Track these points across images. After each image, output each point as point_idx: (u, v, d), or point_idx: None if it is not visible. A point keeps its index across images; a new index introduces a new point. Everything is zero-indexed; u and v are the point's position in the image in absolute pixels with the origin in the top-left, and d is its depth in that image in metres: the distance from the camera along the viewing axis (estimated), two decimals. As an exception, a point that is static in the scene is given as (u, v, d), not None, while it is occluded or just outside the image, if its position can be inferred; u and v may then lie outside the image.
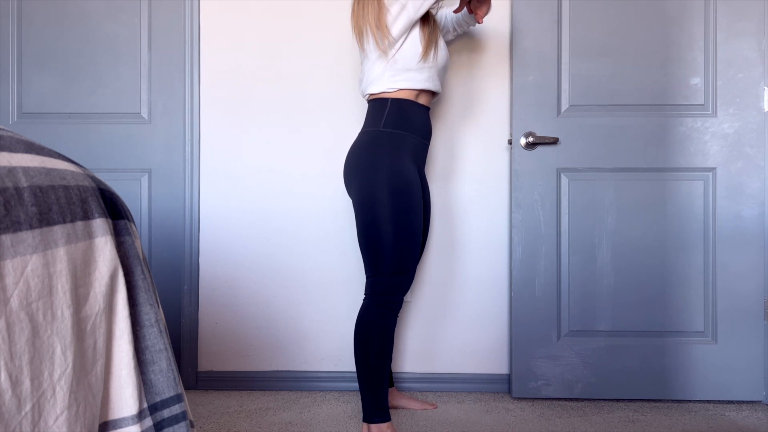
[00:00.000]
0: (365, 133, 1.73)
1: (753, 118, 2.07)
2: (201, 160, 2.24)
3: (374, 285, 1.65)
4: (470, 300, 2.22)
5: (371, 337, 1.64)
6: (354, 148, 1.73)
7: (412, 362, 2.23)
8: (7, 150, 0.73)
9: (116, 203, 0.89)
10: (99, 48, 2.23)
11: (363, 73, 1.77)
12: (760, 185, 2.07)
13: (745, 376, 2.06)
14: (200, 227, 2.24)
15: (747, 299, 2.07)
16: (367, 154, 1.67)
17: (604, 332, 2.09)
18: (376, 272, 1.64)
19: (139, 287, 0.89)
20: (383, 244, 1.60)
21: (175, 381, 0.91)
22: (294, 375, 2.22)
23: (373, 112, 1.73)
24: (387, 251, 1.61)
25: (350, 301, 2.22)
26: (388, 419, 1.66)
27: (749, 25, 2.07)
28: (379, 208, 1.60)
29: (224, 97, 2.23)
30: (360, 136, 1.75)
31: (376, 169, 1.62)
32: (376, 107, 1.73)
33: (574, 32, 2.09)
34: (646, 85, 2.09)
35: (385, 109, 1.70)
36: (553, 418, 1.93)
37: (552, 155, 2.09)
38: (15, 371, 0.65)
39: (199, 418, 1.92)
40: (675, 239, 2.09)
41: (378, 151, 1.65)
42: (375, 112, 1.73)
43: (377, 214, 1.61)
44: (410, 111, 1.71)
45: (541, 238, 2.11)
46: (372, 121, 1.73)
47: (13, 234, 0.66)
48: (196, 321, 2.23)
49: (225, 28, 2.23)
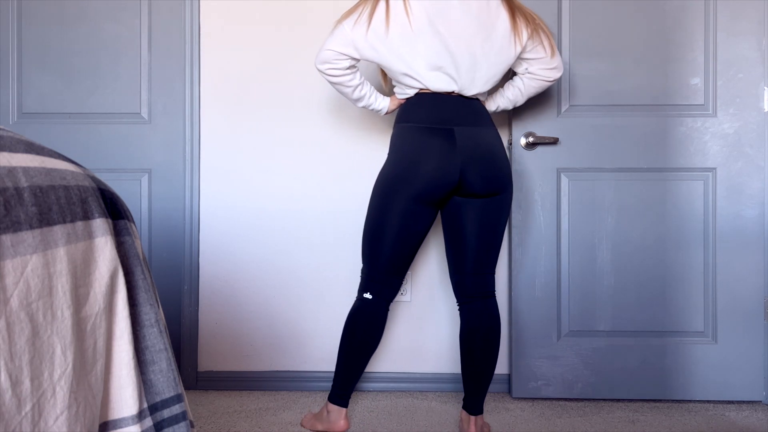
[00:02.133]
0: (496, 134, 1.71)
1: (753, 118, 2.07)
2: (201, 160, 2.24)
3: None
4: (470, 300, 2.22)
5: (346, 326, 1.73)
6: (502, 147, 1.69)
7: (412, 362, 2.23)
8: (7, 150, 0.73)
9: (116, 203, 0.89)
10: (99, 48, 2.23)
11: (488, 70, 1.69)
12: (760, 185, 2.07)
13: (745, 376, 2.06)
14: (200, 227, 2.24)
15: (747, 299, 2.07)
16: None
17: (604, 332, 2.09)
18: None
19: (139, 287, 0.89)
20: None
21: (175, 381, 0.91)
22: (294, 375, 2.22)
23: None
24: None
25: (350, 301, 2.22)
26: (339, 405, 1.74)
27: (749, 25, 2.07)
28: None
29: (224, 97, 2.23)
30: (496, 135, 1.70)
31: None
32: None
33: (574, 32, 2.09)
34: (646, 85, 2.09)
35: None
36: (553, 418, 1.93)
37: (552, 155, 2.09)
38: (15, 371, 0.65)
39: (199, 418, 1.92)
40: (675, 239, 2.09)
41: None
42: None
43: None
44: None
45: (541, 238, 2.11)
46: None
47: (13, 234, 0.66)
48: (196, 321, 2.23)
49: (225, 28, 2.23)
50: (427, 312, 2.24)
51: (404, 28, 1.57)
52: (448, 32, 1.57)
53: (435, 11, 1.57)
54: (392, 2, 1.57)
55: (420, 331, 2.24)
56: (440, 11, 1.57)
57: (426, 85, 1.62)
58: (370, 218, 1.67)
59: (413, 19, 1.56)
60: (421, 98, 1.65)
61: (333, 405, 1.73)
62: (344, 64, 1.63)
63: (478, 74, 1.62)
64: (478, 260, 1.69)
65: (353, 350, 1.69)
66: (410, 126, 1.63)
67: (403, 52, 1.59)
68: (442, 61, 1.59)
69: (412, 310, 2.24)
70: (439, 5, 1.58)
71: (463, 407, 1.75)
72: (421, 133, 1.61)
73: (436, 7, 1.57)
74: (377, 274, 1.68)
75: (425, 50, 1.58)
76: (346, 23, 1.59)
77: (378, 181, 1.66)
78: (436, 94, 1.64)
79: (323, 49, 1.62)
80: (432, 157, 1.58)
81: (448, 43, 1.57)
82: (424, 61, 1.59)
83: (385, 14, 1.57)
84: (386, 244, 1.64)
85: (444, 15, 1.57)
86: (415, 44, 1.58)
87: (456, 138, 1.59)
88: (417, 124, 1.63)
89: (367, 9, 1.58)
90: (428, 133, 1.60)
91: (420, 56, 1.59)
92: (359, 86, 1.71)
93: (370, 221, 1.67)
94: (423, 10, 1.57)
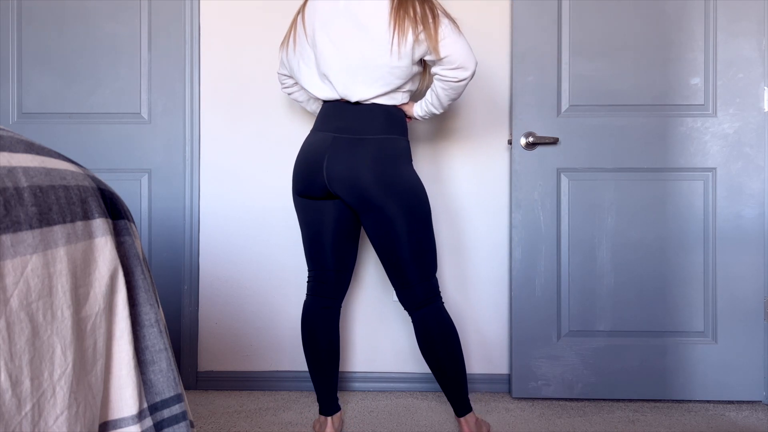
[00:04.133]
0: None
1: (753, 118, 2.07)
2: (201, 160, 2.24)
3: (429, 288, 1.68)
4: (470, 300, 2.22)
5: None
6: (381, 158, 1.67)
7: (412, 363, 2.23)
8: (7, 150, 0.73)
9: (116, 203, 0.89)
10: (99, 48, 2.23)
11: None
12: (760, 185, 2.07)
13: (745, 376, 2.06)
14: (200, 227, 2.24)
15: (747, 299, 2.07)
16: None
17: (604, 332, 2.09)
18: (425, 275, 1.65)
19: (139, 287, 0.89)
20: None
21: (175, 381, 0.91)
22: (294, 375, 2.22)
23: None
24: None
25: (350, 301, 2.22)
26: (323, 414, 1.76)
27: (749, 25, 2.07)
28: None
29: (224, 97, 2.23)
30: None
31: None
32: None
33: (574, 32, 2.09)
34: (646, 85, 2.09)
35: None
36: (553, 418, 1.93)
37: (552, 155, 2.09)
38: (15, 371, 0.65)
39: (199, 418, 1.92)
40: (675, 239, 2.09)
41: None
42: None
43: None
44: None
45: (541, 238, 2.11)
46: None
47: (13, 234, 0.66)
48: (196, 321, 2.23)
49: (225, 28, 2.23)
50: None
51: (300, 41, 1.67)
52: (329, 39, 1.59)
53: (323, 21, 1.60)
54: (298, 17, 1.70)
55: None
56: (327, 20, 1.60)
57: (315, 94, 1.68)
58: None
59: (307, 30, 1.64)
60: (324, 108, 1.70)
61: (320, 414, 1.77)
62: (290, 82, 1.85)
63: (358, 79, 1.57)
64: (400, 274, 1.62)
65: (307, 353, 1.73)
66: (309, 134, 1.70)
67: (302, 64, 1.68)
68: (325, 69, 1.61)
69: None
70: (327, 14, 1.60)
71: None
72: (311, 138, 1.68)
73: (325, 17, 1.60)
74: (310, 272, 1.75)
75: (311, 61, 1.65)
76: (282, 46, 1.77)
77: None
78: (328, 103, 1.68)
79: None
80: (306, 156, 1.64)
81: (328, 50, 1.59)
82: (315, 71, 1.66)
83: (293, 32, 1.70)
84: (305, 239, 1.74)
85: (329, 22, 1.59)
86: (309, 55, 1.65)
87: (331, 144, 1.59)
88: (313, 131, 1.69)
89: (290, 28, 1.73)
90: (313, 139, 1.66)
91: (308, 66, 1.67)
92: (309, 100, 1.90)
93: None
94: (314, 20, 1.62)
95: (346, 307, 2.22)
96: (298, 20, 1.68)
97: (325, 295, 1.72)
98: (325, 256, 1.71)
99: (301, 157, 1.67)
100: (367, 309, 2.24)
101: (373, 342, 2.24)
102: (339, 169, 1.57)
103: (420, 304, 1.63)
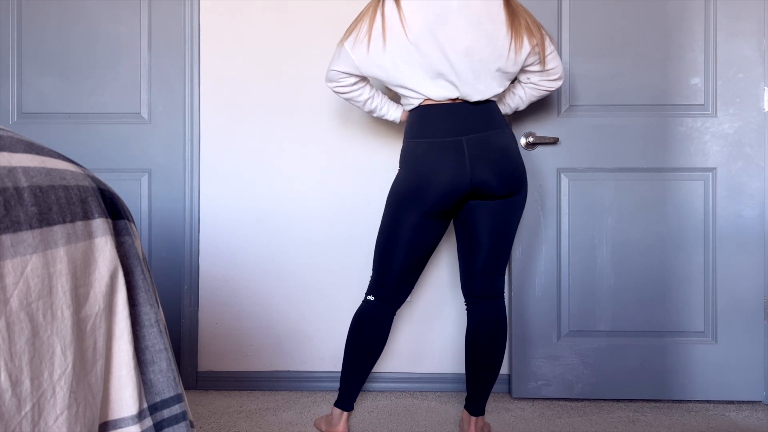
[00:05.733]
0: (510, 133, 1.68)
1: (753, 118, 2.07)
2: (201, 160, 2.24)
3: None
4: (470, 300, 2.22)
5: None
6: (515, 148, 1.66)
7: (412, 363, 2.23)
8: (7, 150, 0.72)
9: (116, 203, 0.89)
10: (99, 48, 2.23)
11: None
12: (760, 185, 2.07)
13: (745, 376, 2.06)
14: (200, 227, 2.24)
15: (747, 299, 2.07)
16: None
17: (604, 332, 2.09)
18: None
19: (139, 287, 0.89)
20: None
21: (175, 381, 0.91)
22: (294, 375, 2.22)
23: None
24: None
25: (350, 301, 2.22)
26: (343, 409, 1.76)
27: (749, 25, 2.07)
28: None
29: (224, 97, 2.23)
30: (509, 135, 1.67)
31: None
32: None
33: (574, 32, 2.09)
34: (646, 85, 2.09)
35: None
36: (553, 418, 1.93)
37: (552, 155, 2.09)
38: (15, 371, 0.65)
39: (199, 418, 1.92)
40: (675, 239, 2.09)
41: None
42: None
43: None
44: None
45: (541, 238, 2.11)
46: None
47: (13, 234, 0.66)
48: (196, 321, 2.23)
49: (225, 28, 2.23)
50: (429, 313, 2.24)
51: (400, 39, 1.54)
52: (446, 38, 1.54)
53: (433, 17, 1.53)
54: (388, 14, 1.55)
55: (421, 332, 2.24)
56: (439, 16, 1.53)
57: (427, 95, 1.59)
58: (384, 229, 1.68)
59: (409, 28, 1.53)
60: (427, 110, 1.61)
61: (336, 408, 1.74)
62: (349, 81, 1.69)
63: (480, 79, 1.58)
64: (487, 260, 1.69)
65: (356, 354, 1.69)
66: (420, 142, 1.61)
67: (401, 63, 1.57)
68: (441, 69, 1.55)
69: (412, 311, 2.24)
70: (437, 10, 1.53)
71: (465, 407, 1.75)
72: (431, 148, 1.58)
73: (435, 13, 1.54)
74: (387, 281, 1.68)
75: (423, 59, 1.55)
76: (347, 43, 1.61)
77: (391, 195, 1.66)
78: (441, 105, 1.60)
79: (328, 69, 1.68)
80: (443, 173, 1.56)
81: (446, 49, 1.53)
82: (423, 71, 1.57)
83: (382, 28, 1.55)
84: (398, 255, 1.66)
85: (442, 20, 1.53)
86: (413, 54, 1.55)
87: (465, 148, 1.56)
88: (427, 139, 1.60)
89: (365, 25, 1.58)
90: (438, 148, 1.58)
91: (418, 65, 1.56)
92: (369, 99, 1.76)
93: (383, 231, 1.68)
94: (420, 18, 1.53)
95: (347, 308, 2.22)
96: (387, 17, 1.56)
97: (393, 303, 1.71)
98: (416, 273, 1.71)
99: (427, 174, 1.58)
100: (367, 309, 2.24)
101: (373, 342, 2.24)
102: (488, 169, 1.57)
103: (496, 294, 1.72)
